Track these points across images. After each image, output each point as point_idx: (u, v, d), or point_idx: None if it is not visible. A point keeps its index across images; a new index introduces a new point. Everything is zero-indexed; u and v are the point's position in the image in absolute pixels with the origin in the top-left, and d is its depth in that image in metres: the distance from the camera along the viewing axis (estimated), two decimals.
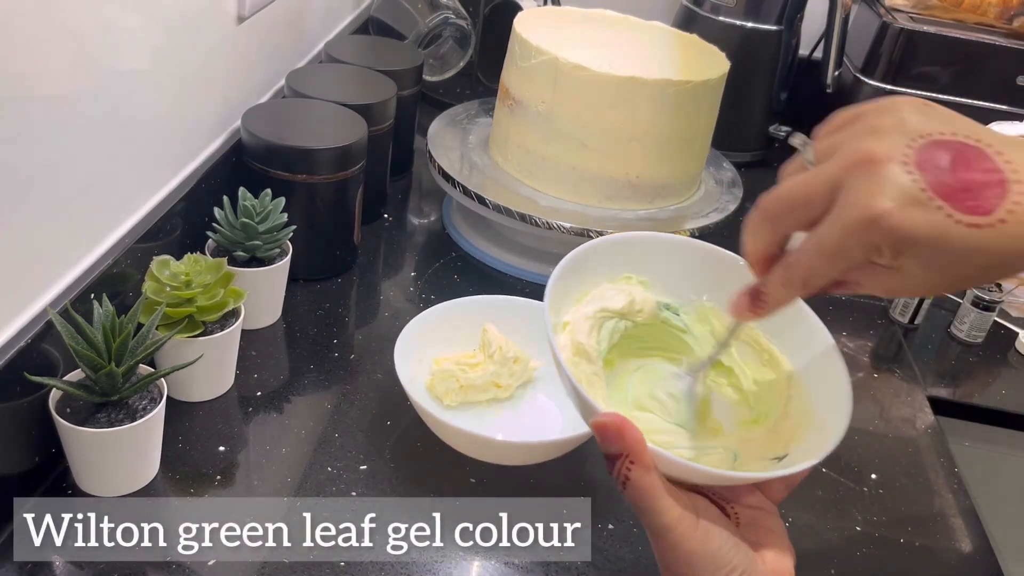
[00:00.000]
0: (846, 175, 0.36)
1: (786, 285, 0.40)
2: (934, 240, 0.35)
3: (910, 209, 0.35)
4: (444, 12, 1.20)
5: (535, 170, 0.91)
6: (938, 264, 0.36)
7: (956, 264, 0.35)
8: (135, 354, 0.59)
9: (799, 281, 0.39)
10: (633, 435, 0.39)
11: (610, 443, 0.39)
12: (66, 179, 0.60)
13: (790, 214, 0.39)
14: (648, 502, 0.39)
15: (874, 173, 0.35)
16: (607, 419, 0.39)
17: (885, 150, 0.35)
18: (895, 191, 0.35)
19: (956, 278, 0.36)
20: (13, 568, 0.54)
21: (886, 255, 0.36)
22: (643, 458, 0.39)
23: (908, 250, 0.35)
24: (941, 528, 0.71)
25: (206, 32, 0.78)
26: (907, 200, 0.35)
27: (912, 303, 0.95)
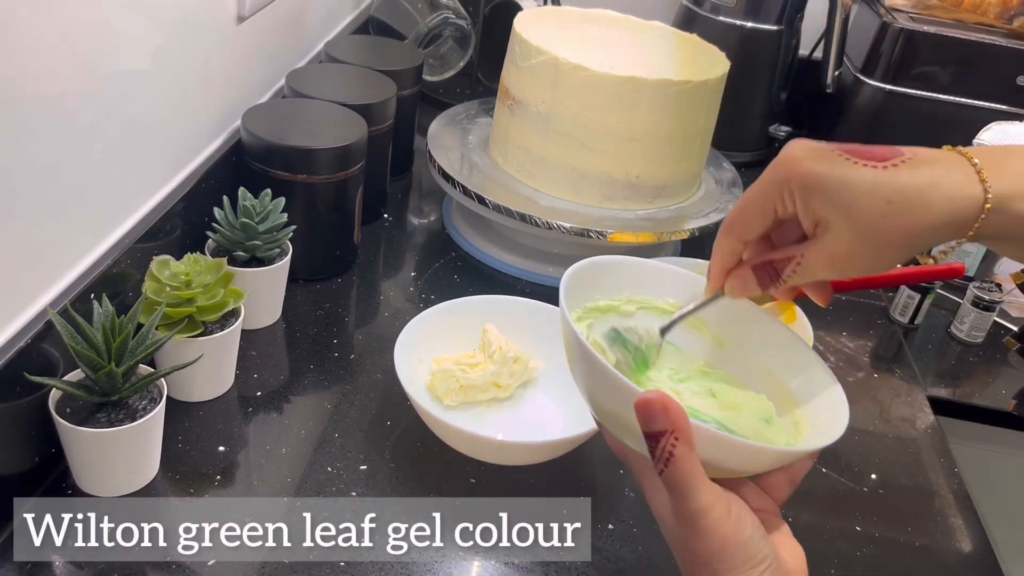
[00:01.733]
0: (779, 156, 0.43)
1: (718, 237, 0.46)
2: (835, 177, 0.40)
3: (818, 158, 0.41)
4: (444, 12, 1.20)
5: (535, 170, 0.91)
6: (847, 201, 0.40)
7: (863, 199, 0.40)
8: (135, 354, 0.58)
9: (726, 225, 0.45)
10: (678, 411, 0.39)
11: (656, 420, 0.39)
12: (66, 179, 0.60)
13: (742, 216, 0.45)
14: (689, 482, 0.39)
15: (797, 143, 0.42)
16: (652, 396, 0.39)
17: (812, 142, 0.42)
18: (810, 148, 0.41)
19: (870, 219, 0.40)
20: (13, 568, 0.54)
21: (798, 199, 0.41)
22: (687, 435, 0.39)
23: (817, 191, 0.41)
24: (941, 528, 0.71)
25: (206, 32, 0.78)
26: (817, 154, 0.41)
27: (912, 303, 0.95)
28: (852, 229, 0.41)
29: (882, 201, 0.40)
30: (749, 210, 0.44)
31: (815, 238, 0.42)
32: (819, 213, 0.41)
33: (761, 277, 0.46)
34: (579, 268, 0.50)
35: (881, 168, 0.40)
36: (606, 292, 0.53)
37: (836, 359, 0.90)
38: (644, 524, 0.65)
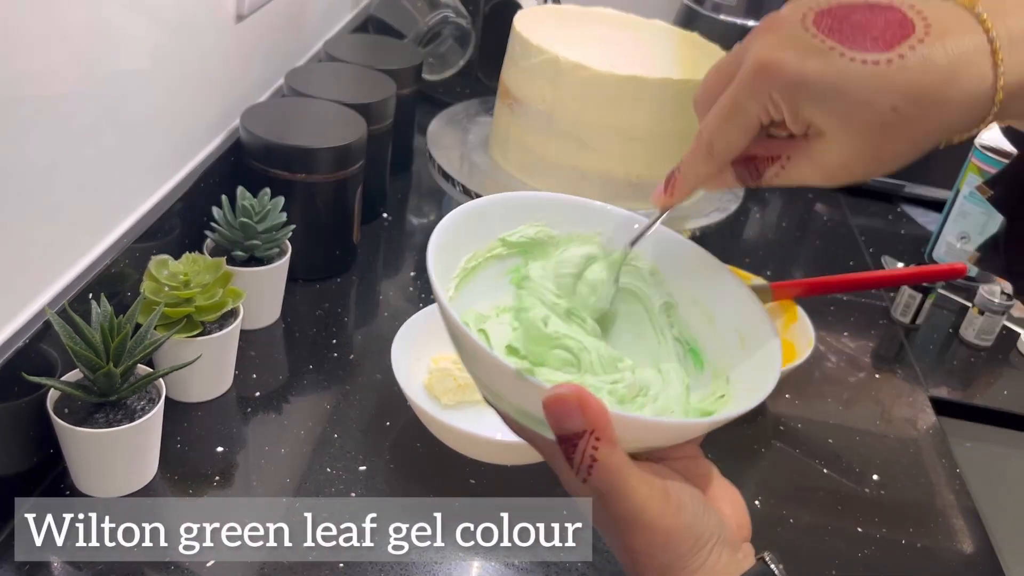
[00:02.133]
0: (749, 43, 0.36)
1: (694, 153, 0.39)
2: (827, 80, 0.33)
3: (802, 55, 0.34)
4: (444, 11, 1.20)
5: (535, 169, 0.91)
6: (843, 110, 0.34)
7: (861, 107, 0.33)
8: (133, 354, 0.58)
9: (704, 147, 0.38)
10: (597, 407, 0.33)
11: (571, 420, 0.33)
12: (64, 178, 0.60)
13: (709, 96, 0.38)
14: (618, 483, 0.35)
15: (770, 32, 0.35)
16: (565, 391, 0.33)
17: (784, 15, 0.35)
18: (787, 42, 0.34)
19: (871, 129, 0.34)
20: (12, 568, 0.54)
21: (784, 106, 0.35)
22: (609, 432, 0.34)
23: (804, 98, 0.34)
24: (942, 529, 0.71)
25: (205, 31, 0.77)
26: (799, 48, 0.34)
27: (913, 303, 0.95)
28: (849, 140, 0.34)
29: (886, 108, 0.33)
30: (729, 130, 0.37)
31: (805, 141, 0.36)
32: (810, 119, 0.35)
33: (740, 173, 0.40)
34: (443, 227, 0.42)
35: (885, 63, 0.32)
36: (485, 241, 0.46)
37: (837, 359, 0.90)
38: None
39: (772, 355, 0.41)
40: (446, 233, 0.43)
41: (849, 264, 1.08)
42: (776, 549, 0.68)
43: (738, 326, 0.45)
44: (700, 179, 0.40)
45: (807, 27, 0.34)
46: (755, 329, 0.44)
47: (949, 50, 0.32)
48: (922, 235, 1.16)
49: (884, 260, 1.09)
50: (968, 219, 1.03)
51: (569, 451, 0.34)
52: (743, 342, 0.44)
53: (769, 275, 0.98)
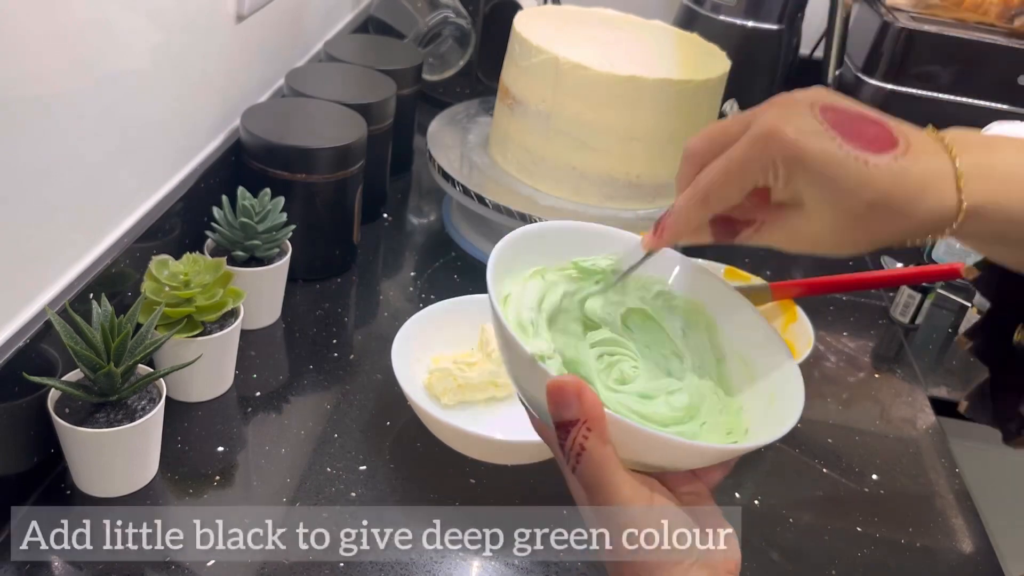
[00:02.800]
0: (759, 113, 0.39)
1: (687, 199, 0.42)
2: (824, 162, 0.37)
3: (808, 135, 0.38)
4: (444, 11, 1.20)
5: (535, 170, 0.91)
6: (828, 192, 0.38)
7: (845, 195, 0.38)
8: (134, 354, 0.58)
9: (700, 195, 0.41)
10: (592, 400, 0.36)
11: (568, 408, 0.36)
12: (65, 178, 0.60)
13: (708, 146, 0.41)
14: (603, 477, 0.37)
15: (783, 108, 0.39)
16: (566, 380, 0.36)
17: (797, 98, 0.39)
18: (800, 123, 0.38)
19: (849, 216, 0.38)
20: (12, 568, 0.54)
21: (781, 174, 0.38)
22: (600, 426, 0.36)
23: (802, 171, 0.38)
24: (942, 528, 0.71)
25: (205, 31, 0.77)
26: (808, 129, 0.38)
27: (913, 303, 0.95)
28: (824, 219, 0.39)
29: (863, 203, 0.38)
30: (731, 183, 0.40)
31: (782, 211, 0.40)
32: (797, 193, 0.39)
33: (716, 231, 0.44)
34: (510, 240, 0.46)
35: (873, 165, 0.37)
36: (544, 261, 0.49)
37: (837, 359, 0.90)
38: None
39: (792, 405, 0.43)
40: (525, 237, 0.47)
41: (848, 264, 1.08)
42: (776, 549, 0.68)
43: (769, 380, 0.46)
44: (690, 227, 0.43)
45: (815, 114, 0.38)
46: (783, 383, 0.45)
47: (922, 168, 0.38)
48: None
49: (883, 260, 1.09)
50: None
51: (562, 437, 0.37)
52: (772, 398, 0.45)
53: (769, 275, 0.98)
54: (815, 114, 0.38)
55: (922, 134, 0.40)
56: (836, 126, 0.38)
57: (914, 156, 0.38)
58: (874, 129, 0.39)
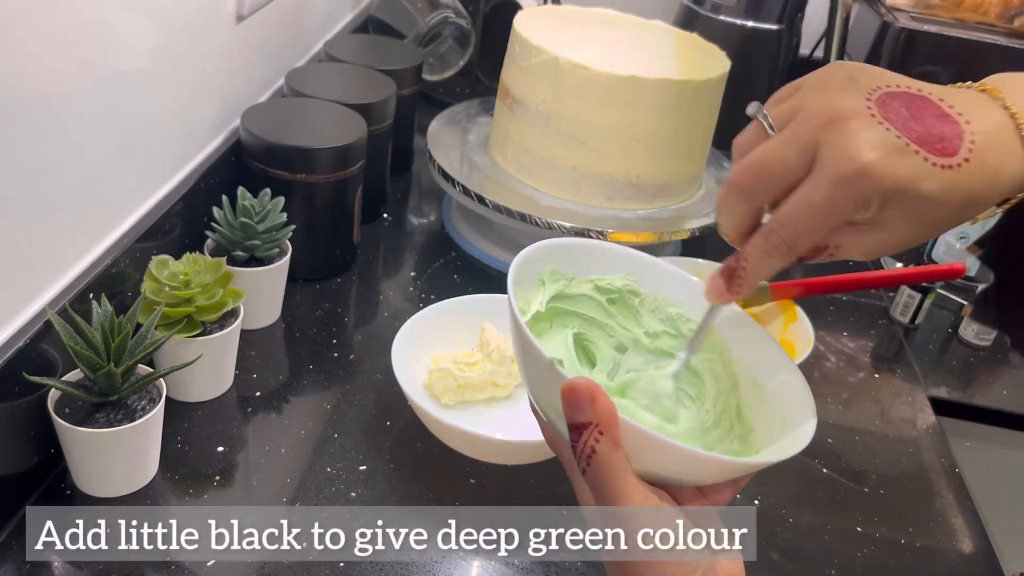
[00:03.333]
0: (819, 134, 0.36)
1: (770, 253, 0.39)
2: (918, 185, 0.36)
3: (894, 158, 0.35)
4: (444, 11, 1.20)
5: (535, 170, 0.91)
6: (920, 210, 0.36)
7: (936, 208, 0.36)
8: (134, 354, 0.58)
9: (785, 246, 0.38)
10: (606, 403, 0.36)
11: (581, 410, 0.36)
12: (65, 178, 0.60)
13: (766, 183, 0.38)
14: (613, 481, 0.36)
15: (849, 128, 0.36)
16: (581, 383, 0.36)
17: (849, 105, 0.37)
18: (876, 142, 0.35)
19: (933, 224, 0.37)
20: (12, 568, 0.54)
21: (873, 207, 0.36)
22: (613, 430, 0.36)
23: (894, 199, 0.36)
24: (942, 528, 0.71)
25: (205, 31, 0.77)
26: (889, 150, 0.35)
27: (912, 303, 0.95)
28: (908, 230, 0.37)
29: (952, 208, 0.36)
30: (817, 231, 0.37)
31: (858, 230, 0.38)
32: (888, 216, 0.37)
33: None
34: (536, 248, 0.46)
35: (956, 169, 0.36)
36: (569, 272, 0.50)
37: (837, 359, 0.90)
38: None
39: (803, 427, 0.43)
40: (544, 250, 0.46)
41: (848, 264, 1.08)
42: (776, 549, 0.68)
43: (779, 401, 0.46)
44: (765, 277, 0.41)
45: (883, 124, 0.36)
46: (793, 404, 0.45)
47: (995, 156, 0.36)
48: None
49: (883, 260, 1.09)
50: None
51: (574, 439, 0.37)
52: (784, 420, 0.45)
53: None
54: (880, 120, 0.36)
55: (971, 98, 0.38)
56: (911, 135, 0.36)
57: (986, 143, 0.36)
58: (937, 119, 0.37)
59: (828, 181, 0.36)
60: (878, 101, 0.37)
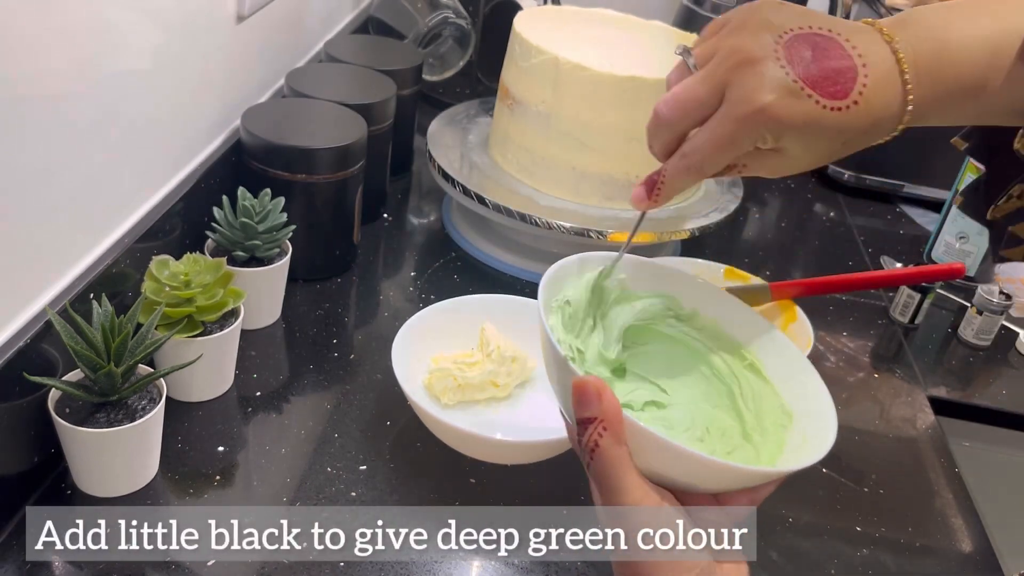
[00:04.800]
0: (730, 75, 0.42)
1: (685, 172, 0.45)
2: (808, 125, 0.41)
3: (788, 99, 0.41)
4: (444, 11, 1.20)
5: (535, 170, 0.91)
6: (811, 143, 0.43)
7: (825, 142, 0.43)
8: (134, 354, 0.58)
9: (695, 168, 0.44)
10: (612, 401, 0.38)
11: (588, 406, 0.38)
12: (65, 179, 0.60)
13: (684, 116, 0.44)
14: (614, 476, 0.37)
15: (754, 71, 0.41)
16: (589, 380, 0.38)
17: (759, 48, 0.42)
18: (774, 85, 0.41)
19: (823, 153, 0.43)
20: (13, 568, 0.54)
21: (769, 140, 0.42)
22: (617, 427, 0.38)
23: (787, 135, 0.42)
24: (941, 528, 0.71)
25: (206, 31, 0.77)
26: (785, 92, 0.41)
27: (912, 302, 0.95)
28: (805, 157, 0.43)
29: (839, 143, 0.43)
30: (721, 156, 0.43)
31: (762, 154, 0.44)
32: (785, 146, 0.43)
33: None
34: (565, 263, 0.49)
35: (845, 111, 0.41)
36: None
37: (836, 359, 0.90)
38: None
39: (823, 435, 0.44)
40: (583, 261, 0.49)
41: (848, 264, 1.09)
42: (776, 549, 0.68)
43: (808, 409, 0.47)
44: (681, 190, 0.47)
45: (784, 67, 0.41)
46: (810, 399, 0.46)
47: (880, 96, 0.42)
48: (921, 235, 1.16)
49: (883, 260, 1.09)
50: (966, 219, 1.03)
51: (580, 433, 0.38)
52: (804, 435, 0.45)
53: (768, 275, 0.98)
54: (783, 66, 0.41)
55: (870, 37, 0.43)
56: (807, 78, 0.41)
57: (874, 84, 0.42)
58: (836, 60, 0.42)
59: (731, 118, 0.42)
60: (786, 44, 0.42)
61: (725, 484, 0.41)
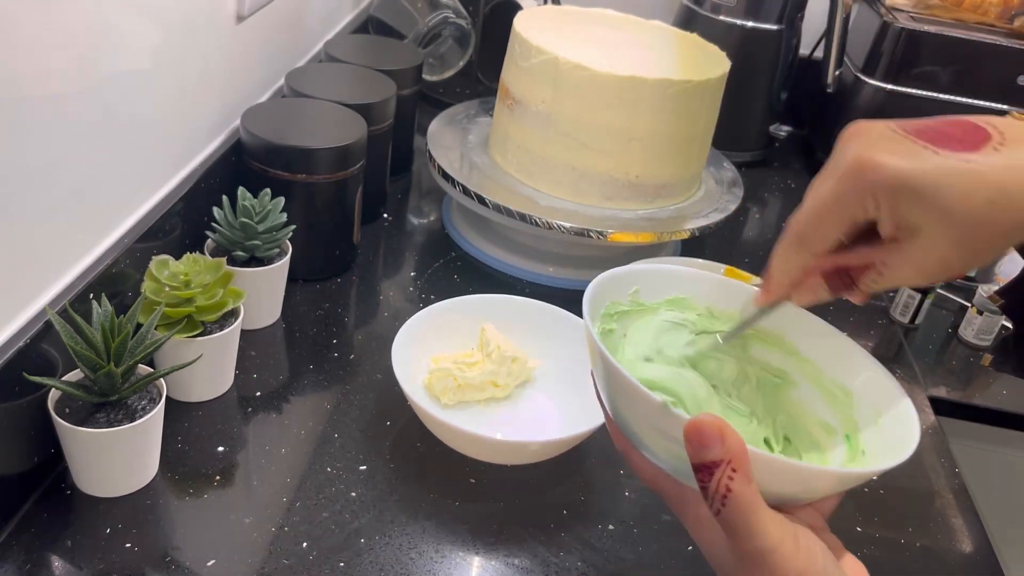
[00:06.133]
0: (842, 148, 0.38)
1: (786, 244, 0.41)
2: (927, 177, 0.35)
3: (901, 154, 0.36)
4: (444, 11, 1.20)
5: (535, 170, 0.91)
6: (941, 206, 0.35)
7: (959, 202, 0.35)
8: (134, 354, 0.58)
9: (795, 239, 0.40)
10: (736, 439, 0.34)
11: (710, 449, 0.34)
12: (65, 179, 0.60)
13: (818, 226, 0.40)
14: (751, 520, 0.35)
15: (862, 135, 0.37)
16: (707, 420, 0.34)
17: (871, 124, 0.38)
18: (882, 143, 0.36)
19: (966, 224, 0.35)
20: (12, 568, 0.54)
21: (883, 205, 0.36)
22: (746, 466, 0.34)
23: (905, 195, 0.36)
24: (942, 528, 0.71)
25: (206, 31, 0.78)
26: (897, 149, 0.36)
27: (912, 302, 0.95)
28: (946, 235, 0.36)
29: (981, 203, 0.35)
30: (824, 222, 0.38)
31: (899, 243, 0.38)
32: (907, 219, 0.36)
33: (833, 284, 0.41)
34: (604, 276, 0.47)
35: (976, 161, 0.35)
36: (632, 296, 0.50)
37: None
38: (644, 524, 0.65)
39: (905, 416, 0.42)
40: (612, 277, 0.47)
41: None
42: None
43: (865, 394, 0.45)
44: (791, 272, 0.42)
45: (896, 131, 0.37)
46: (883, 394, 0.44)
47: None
48: None
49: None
50: None
51: (705, 479, 0.35)
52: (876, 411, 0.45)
53: None
54: (896, 131, 0.36)
55: (1006, 119, 0.37)
56: (921, 135, 0.36)
57: (1012, 141, 0.35)
58: (960, 128, 0.36)
59: (833, 176, 0.38)
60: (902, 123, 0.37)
61: (830, 490, 0.41)
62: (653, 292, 0.50)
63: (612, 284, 0.48)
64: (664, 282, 0.50)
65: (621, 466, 0.70)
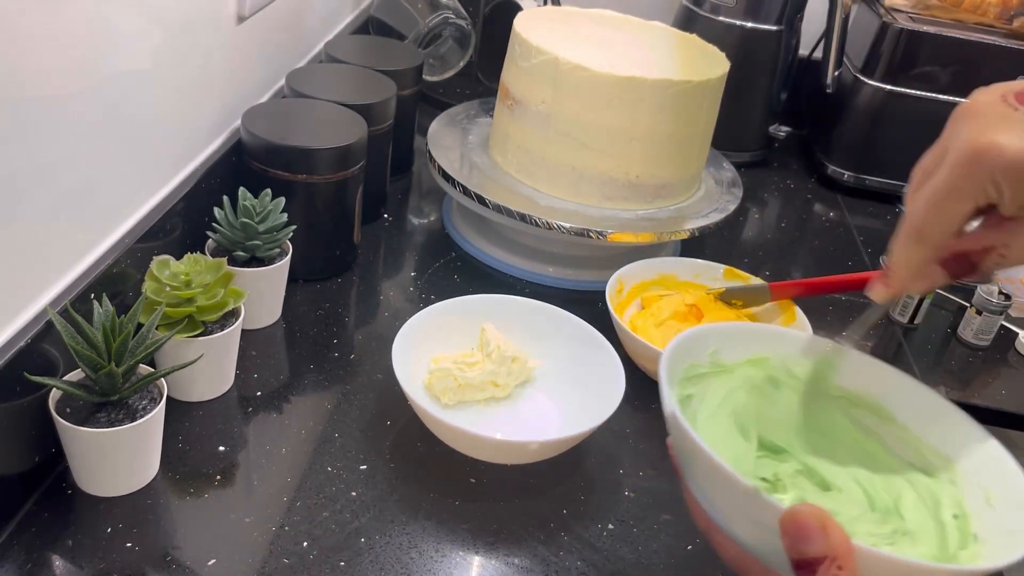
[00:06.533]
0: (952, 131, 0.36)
1: (904, 239, 0.39)
2: None
3: (1020, 133, 0.34)
4: (444, 12, 1.20)
5: (535, 170, 0.91)
6: None
7: None
8: (135, 354, 0.59)
9: (914, 233, 0.39)
10: (839, 533, 0.32)
11: (811, 542, 0.32)
12: (66, 179, 0.60)
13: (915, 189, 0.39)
14: None
15: (976, 116, 0.35)
16: (806, 511, 0.32)
17: (981, 99, 0.36)
18: (999, 123, 0.34)
19: None
20: (12, 568, 0.54)
21: (1006, 188, 0.35)
22: (852, 563, 0.32)
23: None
24: None
25: (206, 32, 0.78)
26: (1016, 128, 0.34)
27: (912, 302, 0.95)
28: None
29: None
30: (944, 213, 0.37)
31: (1019, 225, 0.37)
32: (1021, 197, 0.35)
33: (952, 269, 0.40)
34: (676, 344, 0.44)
35: None
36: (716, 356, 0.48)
37: None
38: (644, 524, 0.65)
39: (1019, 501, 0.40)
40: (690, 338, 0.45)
41: (848, 264, 1.09)
42: None
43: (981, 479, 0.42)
44: (912, 266, 0.41)
45: (1012, 104, 0.35)
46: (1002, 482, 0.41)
47: None
48: None
49: (883, 260, 1.09)
50: None
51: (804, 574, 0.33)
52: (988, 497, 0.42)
53: (768, 275, 0.98)
54: (1012, 104, 0.35)
55: None
56: None
57: None
58: None
59: (948, 164, 0.36)
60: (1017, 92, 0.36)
61: None
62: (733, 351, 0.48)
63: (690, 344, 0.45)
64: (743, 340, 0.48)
65: (621, 466, 0.70)
